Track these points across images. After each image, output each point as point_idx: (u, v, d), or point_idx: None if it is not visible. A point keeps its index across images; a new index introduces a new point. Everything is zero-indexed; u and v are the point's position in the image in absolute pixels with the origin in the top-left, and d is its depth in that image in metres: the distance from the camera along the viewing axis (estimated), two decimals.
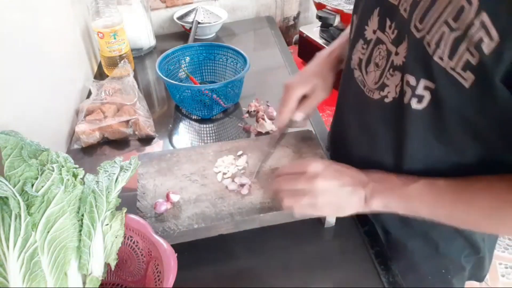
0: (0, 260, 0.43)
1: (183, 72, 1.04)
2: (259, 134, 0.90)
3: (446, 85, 0.44)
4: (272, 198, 0.63)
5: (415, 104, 0.48)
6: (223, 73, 1.07)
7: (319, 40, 1.44)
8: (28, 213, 0.45)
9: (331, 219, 0.67)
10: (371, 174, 0.57)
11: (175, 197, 0.63)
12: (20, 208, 0.44)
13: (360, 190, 0.56)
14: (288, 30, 1.74)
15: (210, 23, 1.32)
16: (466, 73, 0.41)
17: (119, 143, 0.90)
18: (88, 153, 0.87)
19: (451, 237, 0.64)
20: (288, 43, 1.47)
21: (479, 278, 0.74)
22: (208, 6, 1.41)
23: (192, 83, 1.03)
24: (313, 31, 1.49)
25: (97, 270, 0.50)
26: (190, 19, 1.34)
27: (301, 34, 1.51)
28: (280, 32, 1.41)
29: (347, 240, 0.66)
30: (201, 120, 0.97)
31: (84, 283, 0.49)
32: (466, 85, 0.42)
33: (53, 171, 0.49)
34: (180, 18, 1.37)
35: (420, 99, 0.47)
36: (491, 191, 0.49)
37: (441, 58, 0.43)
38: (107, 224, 0.52)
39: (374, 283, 0.60)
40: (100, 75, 1.17)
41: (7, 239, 0.43)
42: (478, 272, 0.72)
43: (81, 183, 0.52)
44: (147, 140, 0.91)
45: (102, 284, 0.51)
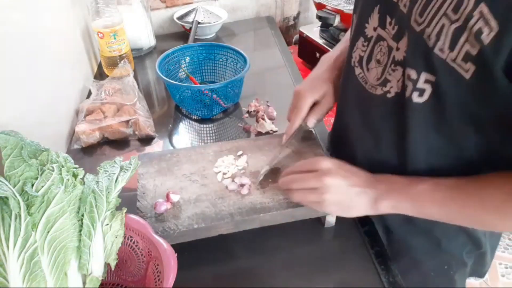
0: (0, 260, 0.43)
1: (183, 72, 1.04)
2: (259, 134, 0.90)
3: (447, 77, 0.44)
4: (284, 195, 0.63)
5: (416, 98, 0.48)
6: (223, 73, 1.07)
7: (319, 40, 1.44)
8: (28, 213, 0.45)
9: (331, 219, 0.67)
10: (378, 176, 0.57)
11: (175, 197, 0.63)
12: (20, 208, 0.44)
13: (369, 191, 0.55)
14: (288, 30, 1.74)
15: (210, 23, 1.32)
16: (466, 64, 0.42)
17: (119, 143, 0.90)
18: (88, 153, 0.87)
19: (453, 233, 0.64)
20: (288, 43, 1.47)
21: (480, 274, 0.74)
22: (208, 6, 1.41)
23: (192, 83, 1.03)
24: (313, 31, 1.49)
25: (97, 270, 0.50)
26: (190, 19, 1.34)
27: (301, 34, 1.51)
28: (280, 32, 1.41)
29: (347, 240, 0.66)
30: (201, 120, 0.97)
31: (84, 283, 0.49)
32: (467, 76, 0.42)
33: (53, 171, 0.49)
34: (180, 18, 1.37)
35: (421, 92, 0.47)
36: (498, 186, 0.49)
37: (441, 50, 0.43)
38: (107, 224, 0.52)
39: (374, 283, 0.60)
40: (100, 75, 1.17)
41: (7, 239, 0.43)
42: (479, 268, 0.73)
43: (81, 183, 0.52)
44: (147, 140, 0.91)
45: (102, 284, 0.51)
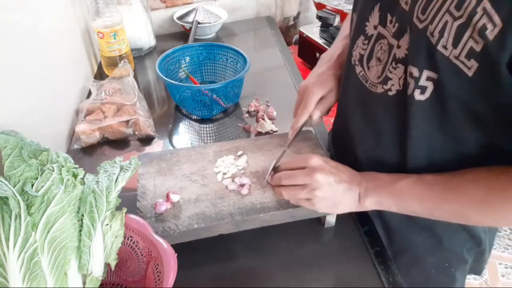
0: (0, 260, 0.43)
1: (183, 72, 1.04)
2: (259, 134, 0.90)
3: (449, 74, 0.44)
4: (274, 195, 0.63)
5: (418, 96, 0.48)
6: (223, 73, 1.07)
7: (319, 40, 1.44)
8: (28, 213, 0.45)
9: (331, 219, 0.67)
10: (363, 173, 0.59)
11: (175, 197, 0.63)
12: (20, 208, 0.44)
13: (355, 188, 0.58)
14: (288, 30, 1.74)
15: (210, 23, 1.32)
16: (469, 61, 0.42)
17: (119, 143, 0.90)
18: (88, 153, 0.87)
19: (454, 230, 0.65)
20: (288, 43, 1.47)
21: (478, 271, 0.75)
22: (208, 6, 1.41)
23: (192, 83, 1.03)
24: (313, 31, 1.49)
25: (97, 270, 0.50)
26: (190, 19, 1.34)
27: (301, 34, 1.51)
28: (280, 32, 1.41)
29: (347, 240, 0.66)
30: (201, 120, 0.97)
31: (84, 283, 0.49)
32: (469, 73, 0.42)
33: (53, 171, 0.49)
34: (180, 18, 1.37)
35: (423, 90, 0.48)
36: (479, 181, 0.50)
37: (445, 47, 0.43)
38: (107, 224, 0.52)
39: (374, 283, 0.60)
40: (100, 75, 1.17)
41: (7, 239, 0.43)
42: (477, 265, 0.73)
43: (81, 183, 0.52)
44: (147, 140, 0.91)
45: (102, 284, 0.51)
